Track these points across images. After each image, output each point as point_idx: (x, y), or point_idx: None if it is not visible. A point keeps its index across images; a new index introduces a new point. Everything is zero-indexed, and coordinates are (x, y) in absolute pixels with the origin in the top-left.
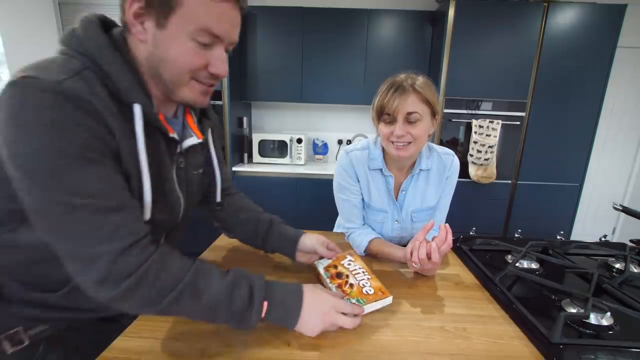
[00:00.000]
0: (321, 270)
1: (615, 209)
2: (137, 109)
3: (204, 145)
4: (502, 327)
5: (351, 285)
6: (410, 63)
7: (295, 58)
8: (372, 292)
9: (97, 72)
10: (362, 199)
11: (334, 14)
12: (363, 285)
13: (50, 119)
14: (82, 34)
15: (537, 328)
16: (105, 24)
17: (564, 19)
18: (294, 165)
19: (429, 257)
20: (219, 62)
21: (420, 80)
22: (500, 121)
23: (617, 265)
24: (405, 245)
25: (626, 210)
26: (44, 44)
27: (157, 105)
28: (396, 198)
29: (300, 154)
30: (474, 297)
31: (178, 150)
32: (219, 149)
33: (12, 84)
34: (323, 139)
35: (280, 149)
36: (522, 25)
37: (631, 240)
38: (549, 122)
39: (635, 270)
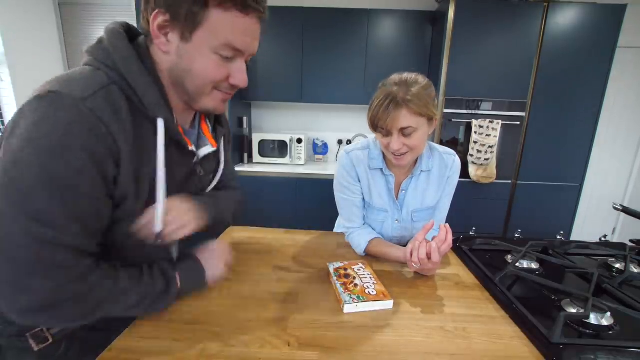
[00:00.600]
0: (331, 270)
1: (615, 209)
2: (161, 124)
3: (216, 152)
4: (502, 327)
5: (355, 285)
6: (410, 63)
7: (295, 58)
8: (374, 293)
9: (122, 86)
10: (363, 199)
11: (334, 13)
12: (367, 287)
13: (57, 139)
14: (109, 46)
15: (537, 328)
16: (130, 32)
17: (564, 19)
18: (294, 165)
19: (429, 257)
20: (240, 73)
21: (414, 90)
22: (500, 121)
23: (617, 265)
24: (405, 246)
25: (626, 210)
26: (44, 44)
27: (178, 117)
28: (397, 197)
29: (300, 154)
30: (474, 297)
31: (195, 160)
32: (228, 154)
33: (38, 98)
34: (323, 139)
35: (280, 149)
36: (522, 25)
37: (631, 240)
38: (549, 122)
39: (635, 270)
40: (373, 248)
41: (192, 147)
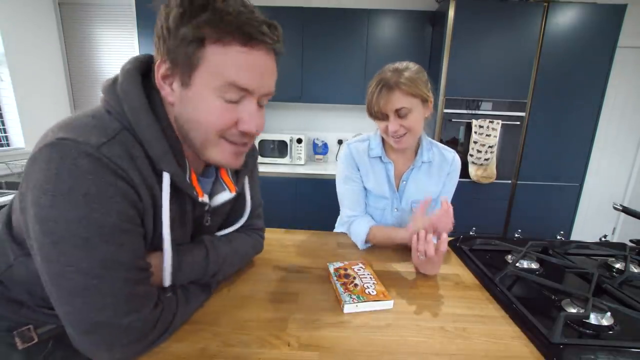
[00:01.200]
0: (331, 270)
1: (615, 209)
2: (166, 178)
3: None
4: (502, 327)
5: (355, 285)
6: None
7: (295, 58)
8: (374, 293)
9: (133, 134)
10: (365, 188)
11: (334, 14)
12: (367, 287)
13: (87, 187)
14: (120, 92)
15: (537, 328)
16: (148, 66)
17: (564, 19)
18: (294, 165)
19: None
20: (249, 116)
21: (406, 74)
22: (500, 121)
23: (617, 265)
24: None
25: (626, 210)
26: (44, 44)
27: (191, 163)
28: (397, 188)
29: (300, 154)
30: (474, 297)
31: (206, 208)
32: (255, 189)
33: (50, 146)
34: (323, 139)
35: (280, 149)
36: (522, 25)
37: (631, 240)
38: (549, 122)
39: (635, 270)
40: (375, 234)
41: (202, 198)
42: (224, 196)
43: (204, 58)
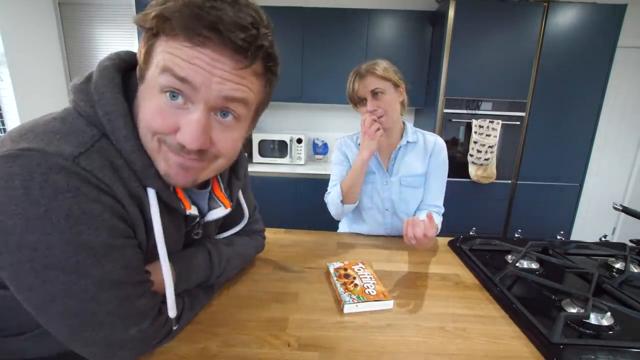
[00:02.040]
0: (331, 270)
1: (615, 209)
2: (152, 194)
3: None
4: (502, 327)
5: (356, 285)
6: (410, 63)
7: (295, 58)
8: (374, 293)
9: (112, 142)
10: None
11: (334, 14)
12: (367, 287)
13: (67, 208)
14: (95, 93)
15: (537, 328)
16: (129, 64)
17: (564, 19)
18: (294, 165)
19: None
20: (186, 125)
21: (379, 65)
22: (500, 121)
23: (617, 265)
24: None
25: (626, 210)
26: (44, 44)
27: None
28: (387, 166)
29: (300, 154)
30: (474, 297)
31: (197, 221)
32: (248, 196)
33: (9, 158)
34: (323, 139)
35: (280, 149)
36: (522, 25)
37: (631, 240)
38: (549, 122)
39: (635, 270)
40: (344, 181)
41: (190, 211)
42: (219, 212)
43: (154, 50)
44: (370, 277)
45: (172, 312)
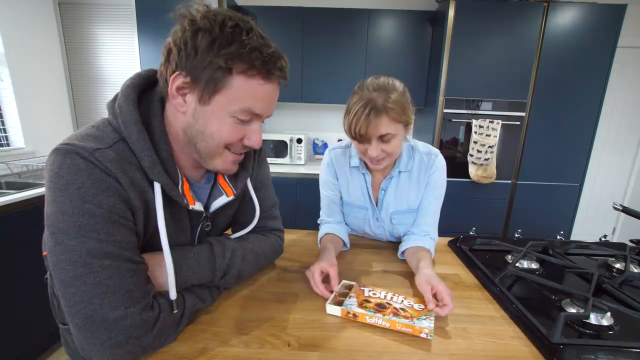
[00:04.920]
0: (355, 308)
1: (615, 209)
2: (157, 188)
3: (244, 196)
4: (502, 327)
5: (402, 309)
6: (410, 63)
7: (295, 58)
8: (421, 307)
9: (130, 146)
10: (341, 197)
11: (334, 14)
12: (410, 304)
13: (81, 181)
14: (117, 107)
15: (537, 328)
16: (149, 80)
17: (564, 18)
18: (294, 165)
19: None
20: (255, 135)
21: (393, 97)
22: (500, 121)
23: (617, 265)
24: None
25: (626, 210)
26: (44, 44)
27: (189, 171)
28: (376, 197)
29: (300, 154)
30: (474, 297)
31: (204, 214)
32: (263, 191)
33: (55, 150)
34: (323, 139)
35: (280, 149)
36: (522, 25)
37: (631, 240)
38: (549, 122)
39: (635, 270)
40: (323, 240)
41: (193, 206)
42: (221, 200)
43: (229, 85)
44: (392, 294)
45: (172, 294)
